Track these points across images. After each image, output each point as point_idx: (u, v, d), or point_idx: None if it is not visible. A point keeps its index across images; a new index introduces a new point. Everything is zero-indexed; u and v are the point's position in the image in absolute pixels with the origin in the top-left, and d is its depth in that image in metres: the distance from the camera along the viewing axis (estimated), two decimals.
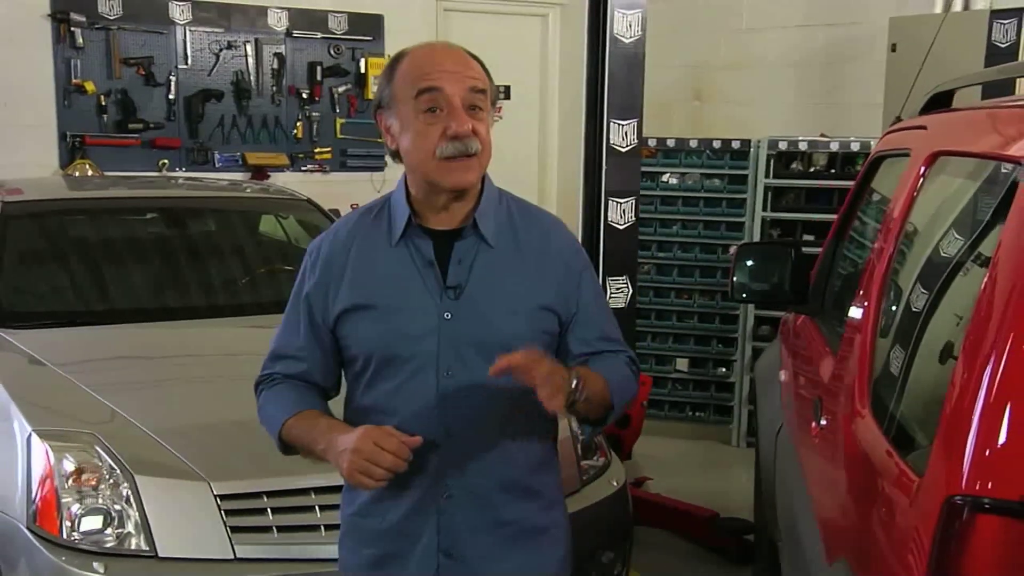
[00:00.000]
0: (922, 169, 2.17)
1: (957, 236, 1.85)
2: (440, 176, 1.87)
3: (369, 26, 7.21)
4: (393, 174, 7.62)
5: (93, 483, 2.79)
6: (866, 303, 2.22)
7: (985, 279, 1.52)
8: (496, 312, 1.90)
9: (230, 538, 2.73)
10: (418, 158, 1.87)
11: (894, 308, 2.13)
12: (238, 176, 6.71)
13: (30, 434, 2.89)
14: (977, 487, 1.39)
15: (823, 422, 2.38)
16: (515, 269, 1.94)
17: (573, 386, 1.80)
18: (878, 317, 2.14)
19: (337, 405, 2.11)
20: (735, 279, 3.29)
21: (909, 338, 1.89)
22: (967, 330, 1.52)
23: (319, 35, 7.05)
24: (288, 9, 6.94)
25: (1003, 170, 1.69)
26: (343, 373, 2.09)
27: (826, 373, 2.53)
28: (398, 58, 1.92)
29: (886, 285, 2.17)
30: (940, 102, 2.52)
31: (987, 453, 1.40)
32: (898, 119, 2.92)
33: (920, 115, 2.54)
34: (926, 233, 2.13)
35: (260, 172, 6.85)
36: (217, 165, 6.74)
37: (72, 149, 6.32)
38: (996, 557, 1.37)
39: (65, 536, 2.72)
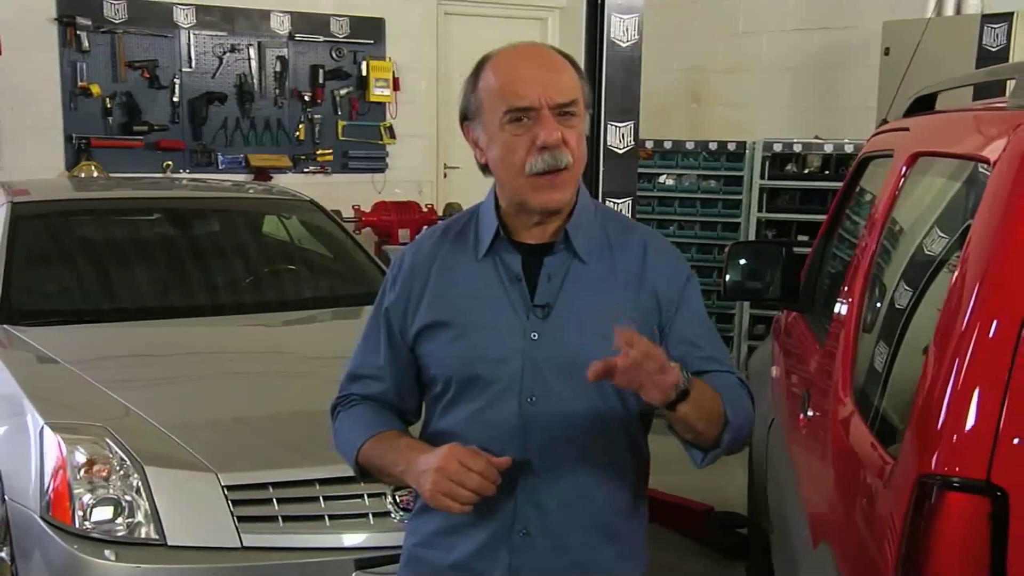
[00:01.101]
0: (903, 169, 2.26)
1: (934, 234, 1.94)
2: (529, 195, 1.72)
3: (370, 29, 7.31)
4: (395, 175, 7.76)
5: (104, 474, 2.86)
6: (850, 299, 2.31)
7: (955, 275, 1.61)
8: (587, 334, 1.70)
9: (237, 527, 2.80)
10: (507, 174, 1.73)
11: (875, 303, 2.22)
12: (241, 177, 6.80)
13: (43, 427, 2.96)
14: (946, 467, 1.48)
15: (810, 414, 2.47)
16: (609, 288, 1.78)
17: (683, 378, 1.59)
18: (861, 312, 2.23)
19: (416, 432, 1.96)
20: (728, 277, 3.37)
21: (888, 331, 1.98)
22: (937, 323, 1.61)
23: (321, 38, 7.15)
24: (291, 13, 7.05)
25: (979, 170, 1.78)
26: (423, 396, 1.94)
27: (813, 367, 2.62)
28: (481, 65, 1.79)
29: (868, 282, 2.26)
30: (924, 105, 2.61)
31: (955, 436, 1.49)
32: (884, 121, 3.01)
33: (904, 117, 2.64)
34: (906, 231, 2.22)
35: (263, 173, 6.95)
36: (220, 167, 6.84)
37: (78, 151, 6.42)
38: (964, 531, 1.45)
39: (77, 525, 2.79)
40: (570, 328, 1.75)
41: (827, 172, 5.64)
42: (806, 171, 5.73)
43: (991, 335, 1.49)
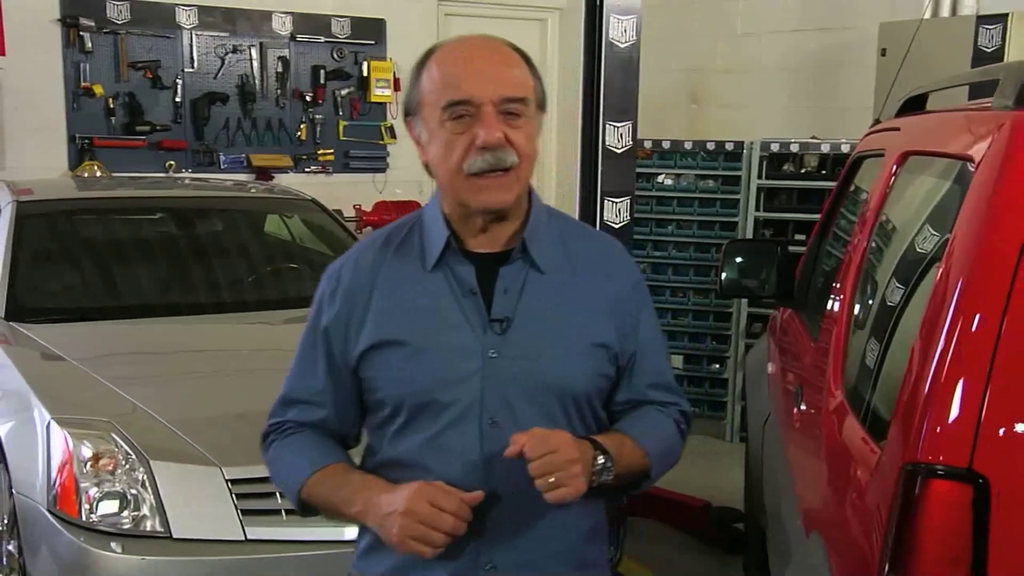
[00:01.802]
0: (894, 168, 2.31)
1: (922, 231, 1.99)
2: (469, 195, 1.60)
3: (371, 30, 7.34)
4: (395, 175, 7.80)
5: (110, 468, 2.91)
6: (842, 296, 2.36)
7: (939, 272, 1.66)
8: (549, 350, 1.62)
9: (241, 520, 2.85)
10: (445, 174, 1.61)
11: (866, 299, 2.27)
12: (243, 177, 6.83)
13: (49, 422, 3.01)
14: (930, 456, 1.53)
15: (803, 408, 2.52)
16: (570, 299, 1.66)
17: (599, 465, 1.57)
18: (852, 308, 2.28)
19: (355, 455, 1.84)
20: (724, 275, 3.42)
21: (877, 326, 2.03)
22: (922, 318, 1.66)
23: (322, 39, 7.18)
24: (292, 14, 7.07)
25: (964, 168, 1.83)
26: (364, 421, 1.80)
27: (806, 362, 2.67)
28: (426, 56, 1.65)
29: (859, 278, 2.31)
30: (915, 105, 2.66)
31: (939, 426, 1.54)
32: (877, 121, 3.06)
33: (896, 117, 2.69)
34: (895, 228, 2.27)
35: (264, 173, 6.98)
36: (222, 166, 6.87)
37: (81, 151, 6.45)
38: (947, 517, 1.50)
39: (84, 518, 2.85)
40: (531, 344, 1.62)
41: (824, 172, 5.68)
42: (803, 171, 5.76)
43: (973, 329, 1.54)
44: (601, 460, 1.58)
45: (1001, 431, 1.50)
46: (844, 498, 1.87)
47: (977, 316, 1.54)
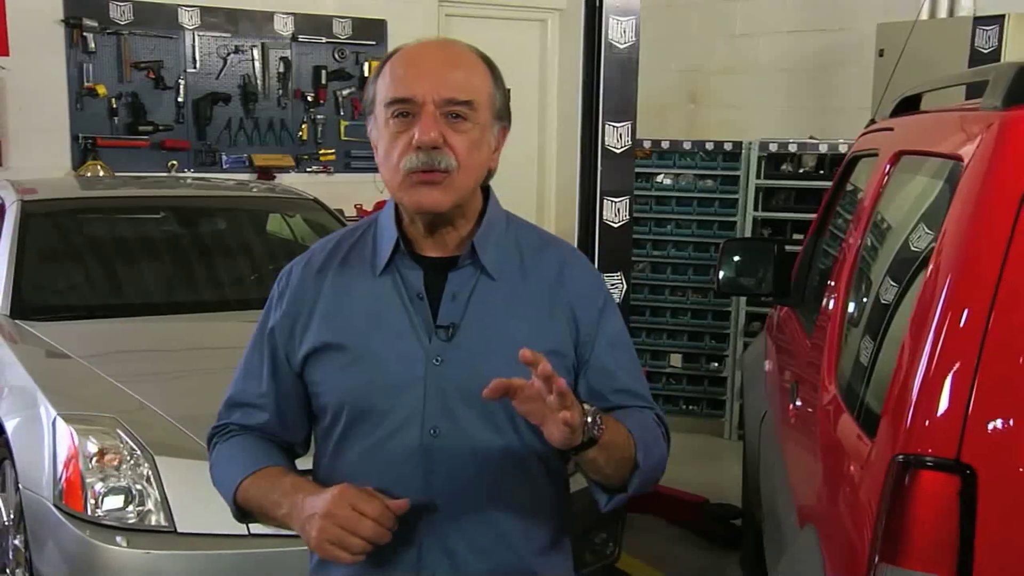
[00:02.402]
0: (887, 168, 2.36)
1: (913, 229, 2.03)
2: (403, 194, 1.57)
3: (373, 31, 7.38)
4: None
5: (115, 463, 2.94)
6: (836, 293, 2.40)
7: (929, 269, 1.70)
8: (495, 358, 1.54)
9: None
10: (386, 172, 1.58)
11: (859, 296, 2.31)
12: (244, 177, 6.87)
13: (55, 418, 3.05)
14: (919, 447, 1.57)
15: (798, 403, 2.56)
16: (520, 306, 1.61)
17: (589, 420, 1.44)
18: (845, 304, 2.32)
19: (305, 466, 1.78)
20: (721, 274, 3.46)
21: (869, 322, 2.07)
22: (912, 314, 1.70)
23: (324, 40, 7.22)
24: (294, 14, 7.12)
25: (954, 168, 1.87)
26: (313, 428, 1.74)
27: (802, 359, 2.71)
28: (388, 56, 1.63)
29: (853, 276, 2.36)
30: (909, 105, 2.70)
31: (928, 419, 1.58)
32: (872, 121, 3.10)
33: (890, 117, 2.73)
34: (888, 226, 2.31)
35: (266, 173, 7.02)
36: (224, 166, 6.91)
37: (84, 151, 6.49)
38: (936, 507, 1.54)
39: (89, 513, 2.88)
40: (477, 351, 1.56)
41: (822, 172, 5.72)
42: (801, 171, 5.81)
43: (961, 324, 1.58)
44: (592, 409, 1.46)
45: (988, 423, 1.54)
46: (836, 490, 1.91)
47: (965, 312, 1.58)
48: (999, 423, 1.54)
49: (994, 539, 1.51)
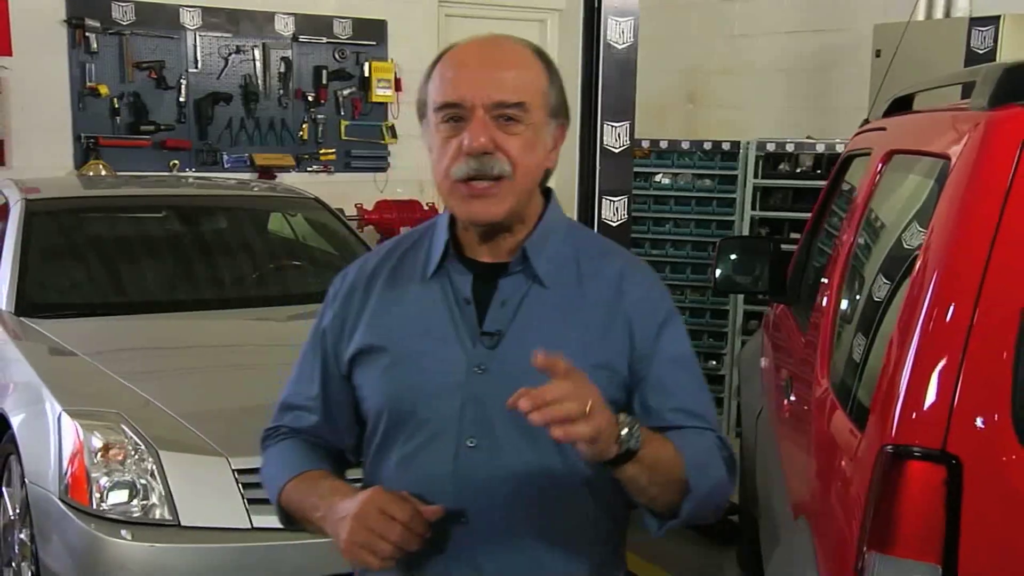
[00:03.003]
0: (879, 166, 2.40)
1: (903, 226, 2.08)
2: (454, 203, 1.51)
3: (373, 31, 7.42)
4: (396, 175, 7.87)
5: (120, 458, 2.99)
6: (829, 289, 2.45)
7: (917, 266, 1.75)
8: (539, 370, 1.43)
9: (247, 508, 2.93)
10: (438, 178, 1.52)
11: (851, 293, 2.35)
12: (246, 176, 6.91)
13: (60, 413, 3.09)
14: (907, 438, 1.62)
15: (792, 398, 2.60)
16: (572, 317, 1.53)
17: (624, 432, 1.35)
18: (838, 301, 2.37)
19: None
20: (718, 272, 3.50)
21: (861, 318, 2.12)
22: (900, 310, 1.74)
23: (324, 40, 7.26)
24: (294, 15, 7.15)
25: (942, 166, 1.91)
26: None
27: (796, 355, 2.75)
28: (439, 57, 1.57)
29: (846, 273, 2.40)
30: (902, 105, 2.74)
31: (915, 410, 1.62)
32: (866, 121, 3.15)
33: (883, 117, 2.77)
34: (880, 224, 2.36)
35: (267, 172, 7.06)
36: (225, 166, 6.95)
37: (86, 150, 6.53)
38: (922, 496, 1.59)
39: (95, 507, 2.92)
40: (521, 362, 1.41)
41: (819, 171, 5.74)
42: (798, 170, 5.84)
43: (947, 319, 1.63)
44: (628, 419, 1.37)
45: (973, 415, 1.59)
46: (828, 481, 1.96)
47: (951, 307, 1.63)
48: (983, 415, 1.58)
49: (979, 526, 1.55)
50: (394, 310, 1.58)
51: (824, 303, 2.50)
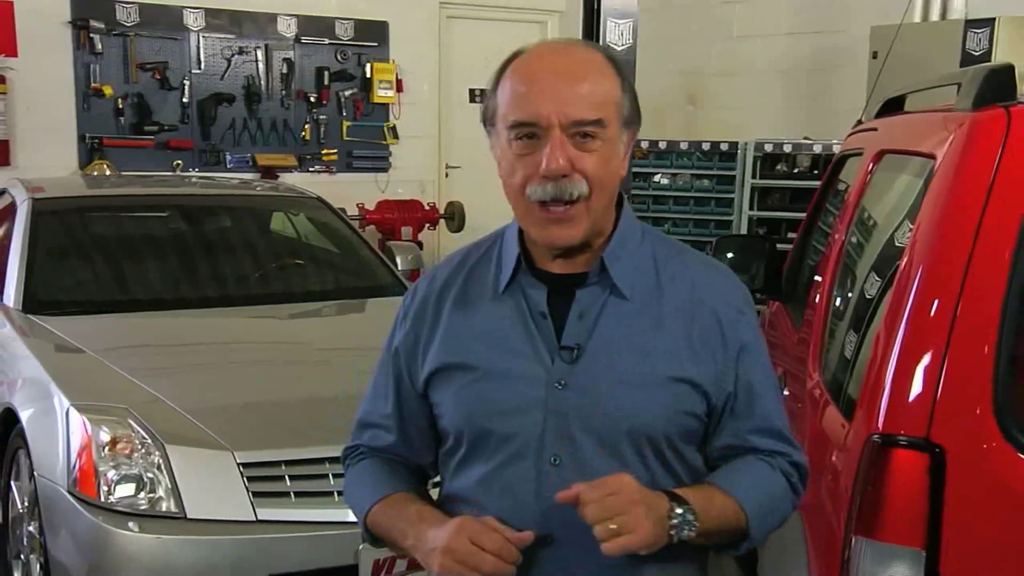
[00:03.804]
0: (870, 166, 2.46)
1: (891, 224, 2.13)
2: (530, 226, 1.47)
3: (374, 32, 7.48)
4: (397, 175, 7.94)
5: (127, 452, 3.02)
6: (821, 286, 2.51)
7: (903, 262, 1.81)
8: (621, 385, 1.45)
9: (252, 501, 2.96)
10: (510, 195, 1.48)
11: (842, 288, 2.41)
12: (248, 176, 6.97)
13: (68, 408, 3.13)
14: (892, 428, 1.68)
15: (785, 393, 2.66)
16: (654, 329, 1.48)
17: (677, 516, 1.38)
18: (830, 297, 2.43)
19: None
20: None
21: (851, 313, 2.17)
22: (886, 305, 1.80)
23: (326, 41, 7.33)
24: (297, 16, 7.22)
25: (928, 165, 1.97)
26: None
27: (790, 350, 2.81)
28: (507, 63, 1.49)
29: (837, 270, 2.46)
30: (894, 106, 2.80)
31: (900, 401, 1.68)
32: (859, 122, 3.20)
33: (875, 118, 2.83)
34: (869, 221, 2.42)
35: (269, 172, 7.12)
36: (228, 166, 7.02)
37: (91, 150, 6.61)
38: (907, 483, 1.65)
39: (102, 499, 2.96)
40: (603, 376, 1.45)
41: (816, 172, 5.82)
42: (796, 171, 5.91)
43: (932, 313, 1.69)
44: (680, 511, 1.38)
45: (956, 405, 1.64)
46: (818, 471, 2.01)
47: (935, 302, 1.69)
48: (966, 406, 1.64)
49: (960, 512, 1.61)
50: (469, 327, 1.54)
51: (816, 300, 2.56)
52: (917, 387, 1.67)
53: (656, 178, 6.26)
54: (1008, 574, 1.62)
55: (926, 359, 1.67)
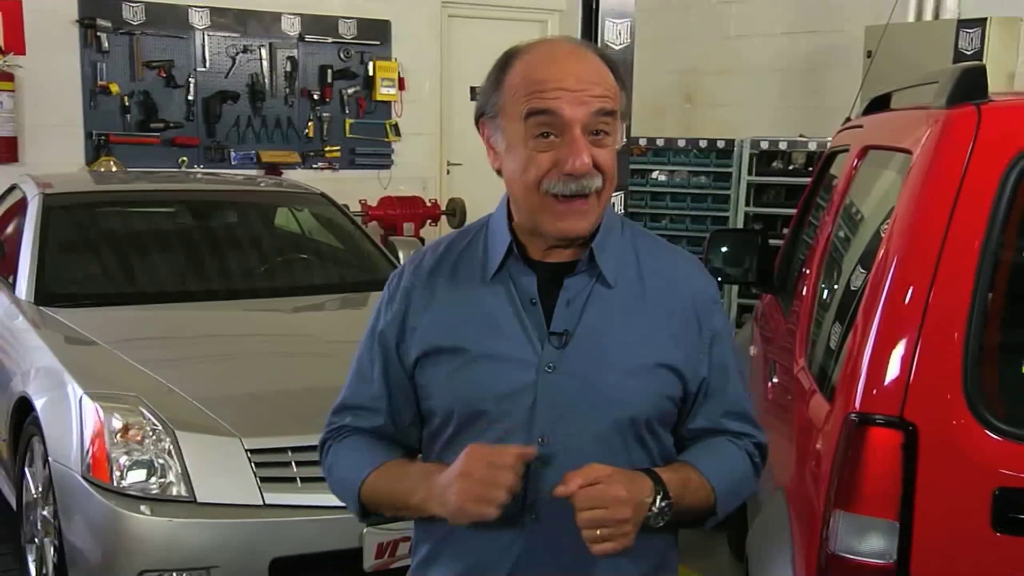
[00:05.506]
0: (855, 161, 2.56)
1: (872, 215, 2.23)
2: (544, 218, 1.50)
3: (377, 31, 7.57)
4: (400, 172, 8.02)
5: (139, 438, 3.12)
6: (807, 277, 2.60)
7: (880, 253, 1.91)
8: (608, 368, 1.53)
9: (259, 486, 3.06)
10: (521, 191, 1.51)
11: (827, 279, 2.51)
12: (252, 173, 7.05)
13: (81, 396, 3.23)
14: (868, 407, 1.78)
15: (774, 380, 2.76)
16: (637, 317, 1.55)
17: (655, 510, 1.47)
18: (816, 288, 2.53)
19: None
20: (709, 263, 3.65)
21: (832, 302, 2.28)
22: (865, 292, 1.90)
23: (330, 40, 7.41)
24: (300, 15, 7.31)
25: (907, 159, 2.07)
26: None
27: (779, 338, 2.91)
28: (509, 58, 1.53)
29: (823, 261, 2.56)
30: (880, 104, 2.89)
31: (876, 381, 1.78)
32: (848, 119, 3.29)
33: (863, 116, 2.92)
34: (854, 215, 2.51)
35: (273, 169, 7.21)
36: (233, 163, 7.11)
37: (97, 147, 6.70)
38: (882, 458, 1.75)
39: (115, 484, 3.05)
40: (590, 360, 1.52)
41: (811, 169, 5.89)
42: (791, 168, 5.99)
43: (906, 300, 1.79)
44: (659, 505, 1.47)
45: (928, 386, 1.74)
46: (801, 450, 2.11)
47: (910, 288, 1.79)
48: (937, 386, 1.74)
49: (932, 486, 1.71)
50: (459, 311, 1.58)
51: (803, 290, 2.66)
52: (892, 370, 1.77)
53: (654, 175, 6.35)
54: (975, 544, 1.72)
55: (901, 343, 1.77)
